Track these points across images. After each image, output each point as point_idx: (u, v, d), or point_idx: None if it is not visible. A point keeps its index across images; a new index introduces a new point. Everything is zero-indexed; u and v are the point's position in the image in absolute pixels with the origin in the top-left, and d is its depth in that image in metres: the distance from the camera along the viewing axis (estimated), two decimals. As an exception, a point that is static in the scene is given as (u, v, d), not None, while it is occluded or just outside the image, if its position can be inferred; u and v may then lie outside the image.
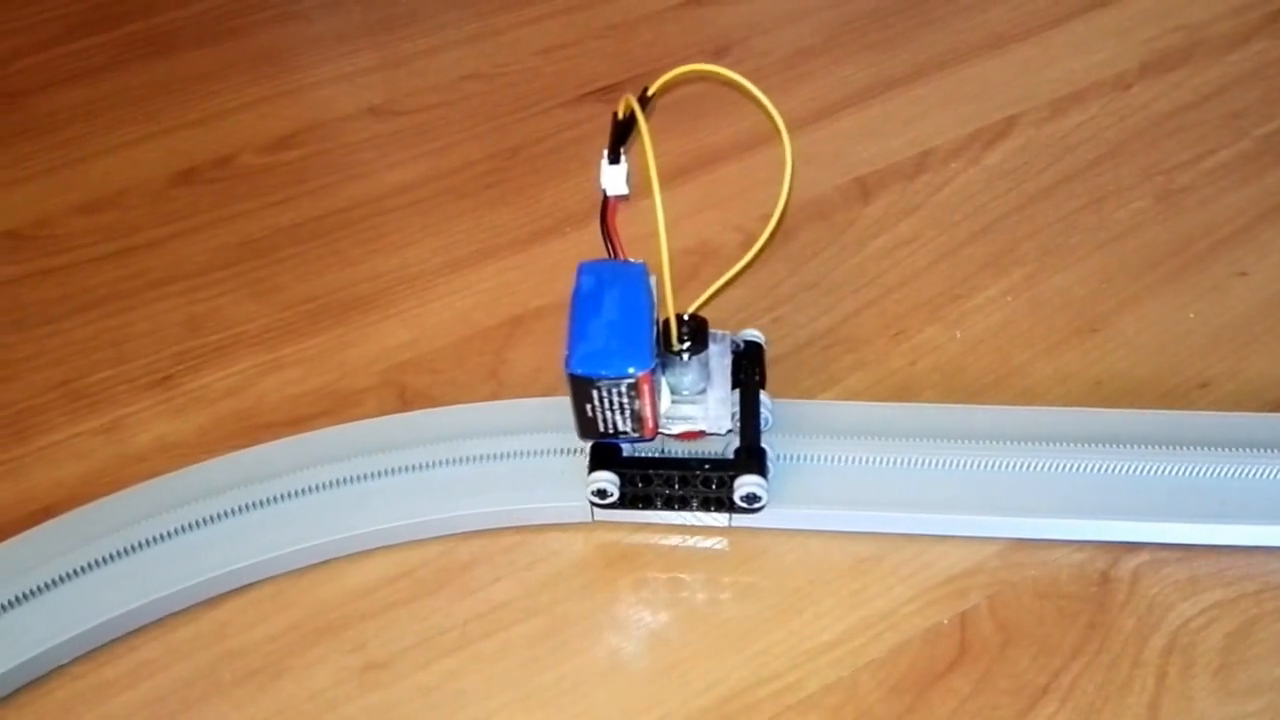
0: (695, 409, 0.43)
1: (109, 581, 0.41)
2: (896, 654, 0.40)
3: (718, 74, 0.40)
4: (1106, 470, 0.43)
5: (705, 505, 0.43)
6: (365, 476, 0.44)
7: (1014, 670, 0.40)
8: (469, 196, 0.58)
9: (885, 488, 0.43)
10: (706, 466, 0.42)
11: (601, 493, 0.42)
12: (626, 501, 0.43)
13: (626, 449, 0.43)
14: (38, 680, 0.41)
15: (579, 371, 0.39)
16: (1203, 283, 0.52)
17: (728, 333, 0.45)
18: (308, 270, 0.54)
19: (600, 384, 0.39)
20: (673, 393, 0.43)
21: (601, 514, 0.44)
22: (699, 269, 0.53)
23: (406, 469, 0.44)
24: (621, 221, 0.41)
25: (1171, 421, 0.45)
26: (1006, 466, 0.43)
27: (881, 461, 0.44)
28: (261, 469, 0.44)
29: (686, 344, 0.42)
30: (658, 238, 0.39)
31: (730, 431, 0.43)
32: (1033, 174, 0.57)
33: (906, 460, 0.44)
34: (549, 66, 0.65)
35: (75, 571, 0.41)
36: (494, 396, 0.49)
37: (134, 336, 0.52)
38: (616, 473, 0.42)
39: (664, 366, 0.42)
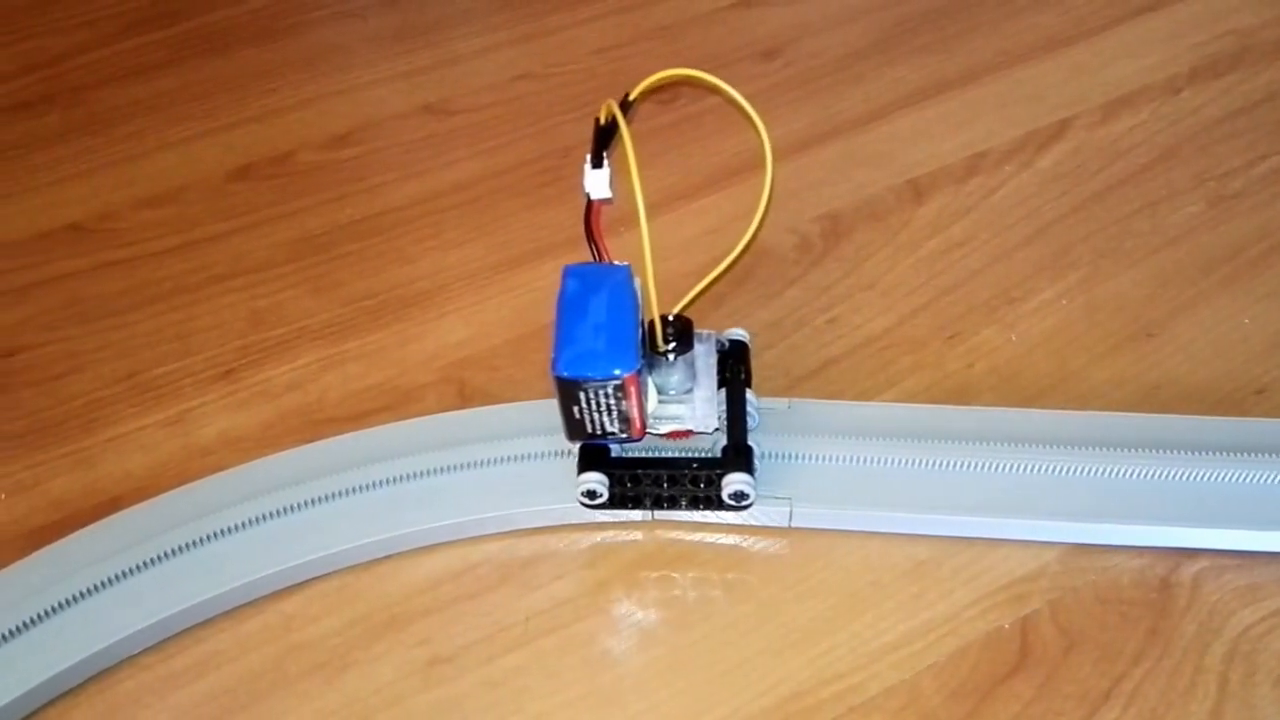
0: (682, 408, 0.43)
1: (178, 574, 0.42)
2: (958, 658, 0.41)
3: (701, 79, 0.40)
4: (1166, 476, 0.43)
5: (694, 504, 0.43)
6: (427, 472, 0.44)
7: (1076, 675, 0.40)
8: (524, 195, 0.58)
9: (945, 491, 0.43)
10: (694, 465, 0.42)
11: (591, 493, 0.43)
12: (616, 501, 0.43)
13: (615, 449, 0.43)
14: (107, 671, 0.41)
15: (565, 374, 0.40)
16: (1257, 289, 0.52)
17: (713, 332, 0.45)
18: (366, 267, 0.55)
19: (587, 386, 0.40)
20: (659, 393, 0.43)
21: (662, 513, 0.44)
22: (753, 270, 0.54)
23: (468, 465, 0.45)
24: (675, 223, 0.42)
25: (1230, 428, 0.45)
26: (1065, 471, 0.43)
27: (941, 465, 0.44)
28: (325, 464, 0.45)
29: (672, 344, 0.42)
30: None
31: (718, 430, 0.43)
32: (1085, 177, 0.57)
33: (966, 464, 0.44)
34: (601, 67, 0.65)
35: (145, 563, 0.42)
36: (551, 393, 0.48)
37: (198, 330, 0.52)
38: (605, 473, 0.42)
39: (650, 367, 0.42)
